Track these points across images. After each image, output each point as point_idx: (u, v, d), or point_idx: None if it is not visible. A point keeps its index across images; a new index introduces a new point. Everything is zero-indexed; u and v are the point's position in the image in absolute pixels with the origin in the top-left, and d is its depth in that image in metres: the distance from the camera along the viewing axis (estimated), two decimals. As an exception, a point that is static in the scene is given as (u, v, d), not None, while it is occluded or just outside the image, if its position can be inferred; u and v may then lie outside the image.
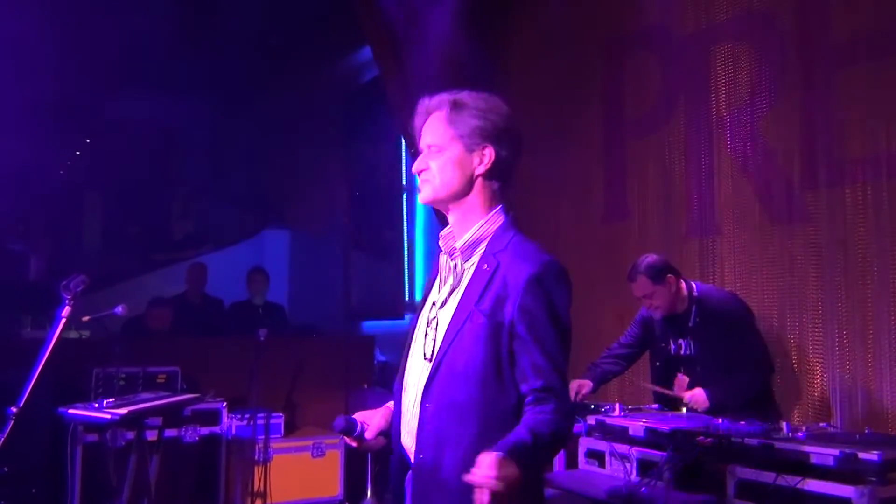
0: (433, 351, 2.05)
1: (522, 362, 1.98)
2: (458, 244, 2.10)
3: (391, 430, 2.18)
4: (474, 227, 2.09)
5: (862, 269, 4.02)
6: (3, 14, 5.77)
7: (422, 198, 2.14)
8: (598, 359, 4.35)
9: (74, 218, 10.19)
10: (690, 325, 3.92)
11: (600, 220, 5.65)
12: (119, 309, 3.98)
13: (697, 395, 3.74)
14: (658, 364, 4.16)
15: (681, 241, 4.98)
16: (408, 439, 2.09)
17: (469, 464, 1.82)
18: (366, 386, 6.17)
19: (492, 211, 2.11)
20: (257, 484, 5.24)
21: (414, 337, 2.16)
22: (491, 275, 2.02)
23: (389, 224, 8.38)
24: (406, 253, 7.99)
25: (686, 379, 3.91)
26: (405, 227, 8.05)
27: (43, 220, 9.45)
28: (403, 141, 6.66)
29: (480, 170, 2.08)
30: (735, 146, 4.72)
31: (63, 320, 2.68)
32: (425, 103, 2.16)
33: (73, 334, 5.84)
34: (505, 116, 2.11)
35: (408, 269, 7.95)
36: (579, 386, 4.14)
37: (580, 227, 5.80)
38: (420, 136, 2.16)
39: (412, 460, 2.05)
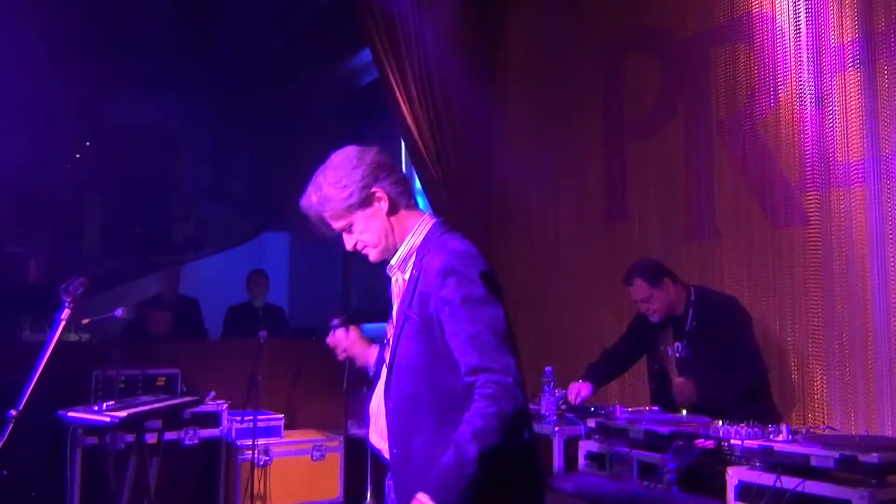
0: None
1: (453, 350, 2.12)
2: (393, 262, 2.31)
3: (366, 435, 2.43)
4: (403, 243, 2.29)
5: (861, 272, 4.02)
6: (3, 16, 5.77)
7: (373, 261, 2.33)
8: (597, 360, 4.34)
9: (74, 220, 10.20)
10: (688, 328, 3.92)
11: (600, 221, 5.65)
12: (119, 312, 3.98)
13: (685, 384, 3.75)
14: (656, 367, 4.16)
15: (680, 243, 4.98)
16: (377, 439, 2.33)
17: (434, 450, 2.05)
18: (365, 388, 6.15)
19: (415, 224, 2.29)
20: (257, 486, 5.24)
21: (381, 356, 2.42)
22: (417, 278, 2.21)
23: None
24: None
25: (683, 381, 3.91)
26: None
27: (43, 223, 9.46)
28: (402, 143, 6.66)
29: (386, 209, 2.26)
30: (734, 148, 4.72)
31: (63, 323, 2.67)
32: (304, 208, 2.30)
33: (72, 337, 5.83)
34: (357, 162, 2.24)
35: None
36: (579, 389, 4.13)
37: (580, 228, 5.80)
38: (327, 228, 2.32)
39: (388, 458, 2.27)
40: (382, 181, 2.24)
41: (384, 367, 2.31)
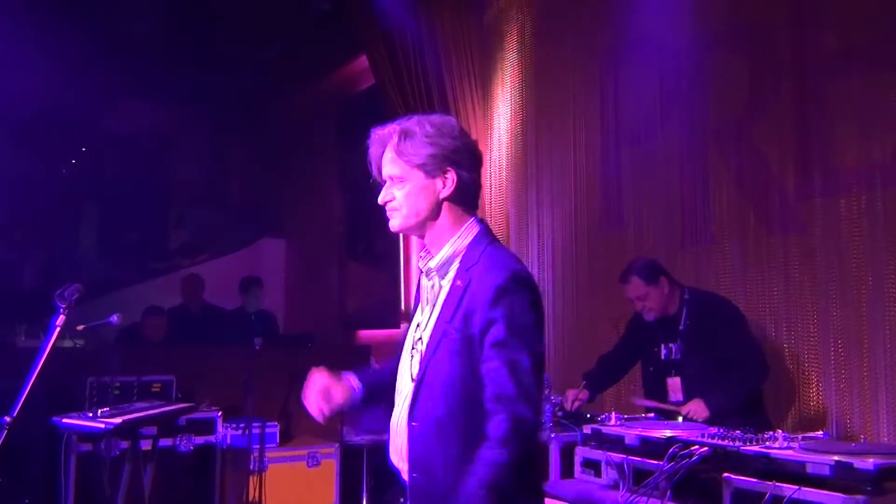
0: (418, 370, 2.09)
1: (485, 371, 1.98)
2: (433, 264, 2.14)
3: (387, 449, 2.20)
4: (446, 245, 2.13)
5: (857, 279, 4.03)
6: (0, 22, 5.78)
7: (392, 227, 2.17)
8: (593, 368, 4.34)
9: (70, 226, 10.18)
10: (682, 328, 3.93)
11: (597, 228, 5.66)
12: (114, 318, 3.96)
13: (696, 407, 3.73)
14: (651, 369, 4.17)
15: (676, 250, 4.98)
16: (397, 459, 2.14)
17: (458, 479, 1.90)
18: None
19: (462, 226, 2.14)
20: (252, 494, 5.22)
21: (402, 360, 2.20)
22: (463, 290, 2.05)
23: (385, 233, 8.35)
24: (402, 262, 7.99)
25: (679, 381, 3.90)
26: (401, 236, 8.05)
27: (38, 229, 9.44)
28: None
29: (445, 193, 2.11)
30: (730, 156, 4.74)
31: (58, 329, 2.67)
32: (378, 133, 2.19)
33: (67, 343, 5.82)
34: (458, 136, 2.12)
35: (403, 277, 7.94)
36: (577, 394, 4.13)
37: (576, 235, 5.81)
38: (378, 166, 2.19)
39: (406, 480, 2.09)
40: (462, 167, 2.10)
41: (409, 379, 2.12)
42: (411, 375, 2.11)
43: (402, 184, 2.12)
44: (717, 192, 4.79)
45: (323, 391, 2.21)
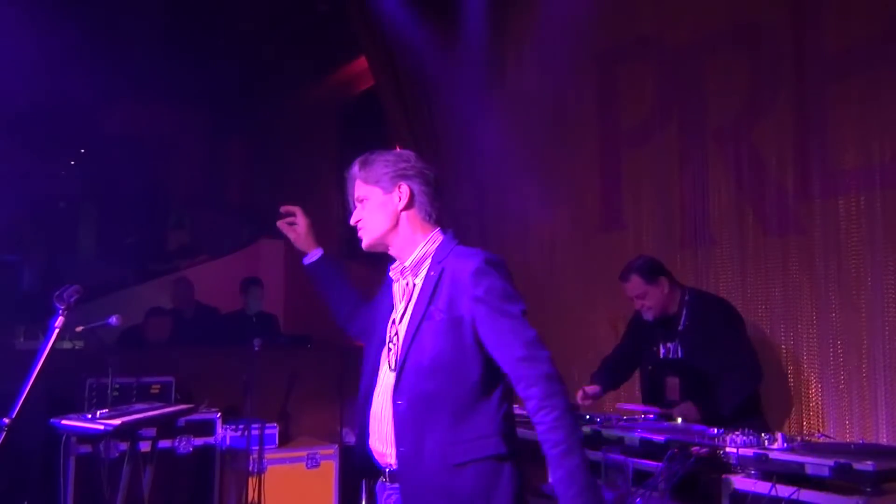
0: (398, 359, 2.28)
1: (492, 344, 2.20)
2: (408, 263, 2.38)
3: (355, 447, 2.42)
4: (417, 248, 2.38)
5: (856, 280, 4.03)
6: (-2, 24, 5.78)
7: (363, 246, 2.45)
8: (598, 370, 4.32)
9: (69, 228, 10.17)
10: (680, 328, 3.92)
11: (596, 229, 5.66)
12: (113, 319, 3.95)
13: (688, 409, 3.73)
14: (649, 368, 4.16)
15: (675, 250, 4.98)
16: (378, 444, 2.31)
17: (447, 448, 2.15)
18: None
19: (427, 235, 2.40)
20: (251, 495, 5.22)
21: (373, 357, 2.42)
22: (437, 278, 2.28)
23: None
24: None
25: (677, 381, 3.90)
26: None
27: (37, 230, 9.44)
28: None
29: (401, 205, 2.37)
30: (729, 156, 4.74)
31: (57, 330, 2.66)
32: (349, 172, 2.46)
33: (66, 345, 5.82)
34: (413, 161, 2.42)
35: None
36: (586, 389, 4.10)
37: (576, 236, 5.81)
38: (351, 197, 2.46)
39: (393, 459, 2.25)
40: (415, 182, 2.38)
41: (387, 370, 2.32)
42: (389, 365, 2.32)
43: (365, 203, 2.41)
44: (717, 192, 4.80)
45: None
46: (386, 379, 2.32)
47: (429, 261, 2.35)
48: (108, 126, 9.45)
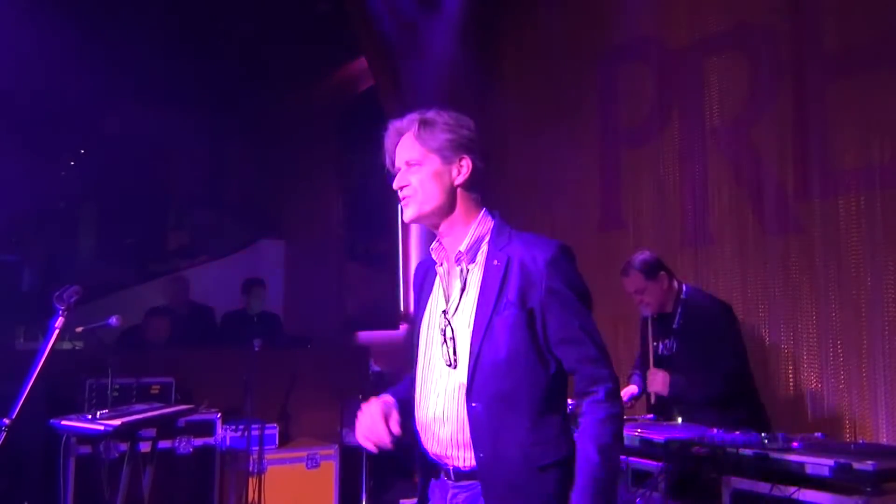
0: (457, 356, 2.08)
1: (560, 340, 2.05)
2: (462, 247, 2.14)
3: (415, 446, 2.20)
4: (469, 230, 2.15)
5: (856, 279, 4.03)
6: (-1, 25, 5.78)
7: (406, 216, 2.18)
8: (631, 373, 4.28)
9: (69, 228, 10.16)
10: (675, 325, 3.92)
11: (596, 228, 5.66)
12: (113, 320, 3.96)
13: (657, 378, 3.73)
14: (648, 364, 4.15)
15: (675, 250, 4.99)
16: (442, 448, 2.11)
17: (528, 449, 2.00)
18: (360, 396, 6.15)
19: (478, 215, 2.18)
20: (251, 495, 5.22)
21: (423, 352, 2.18)
22: (505, 268, 2.07)
23: (384, 234, 8.38)
24: (401, 263, 7.99)
25: (658, 371, 3.87)
26: (400, 237, 8.06)
27: (37, 231, 9.43)
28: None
29: (460, 180, 2.15)
30: (729, 156, 4.74)
31: (56, 331, 2.66)
32: (395, 124, 2.22)
33: (66, 345, 5.81)
34: (474, 129, 2.19)
35: (402, 279, 7.95)
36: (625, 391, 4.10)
37: (575, 235, 5.79)
38: (392, 156, 2.22)
39: (465, 462, 2.08)
40: (478, 159, 2.17)
41: (444, 367, 2.11)
42: (447, 362, 2.10)
43: (418, 168, 2.14)
44: (717, 192, 4.80)
45: (383, 416, 2.12)
46: (443, 378, 2.11)
47: (485, 246, 2.13)
48: (108, 126, 9.45)
